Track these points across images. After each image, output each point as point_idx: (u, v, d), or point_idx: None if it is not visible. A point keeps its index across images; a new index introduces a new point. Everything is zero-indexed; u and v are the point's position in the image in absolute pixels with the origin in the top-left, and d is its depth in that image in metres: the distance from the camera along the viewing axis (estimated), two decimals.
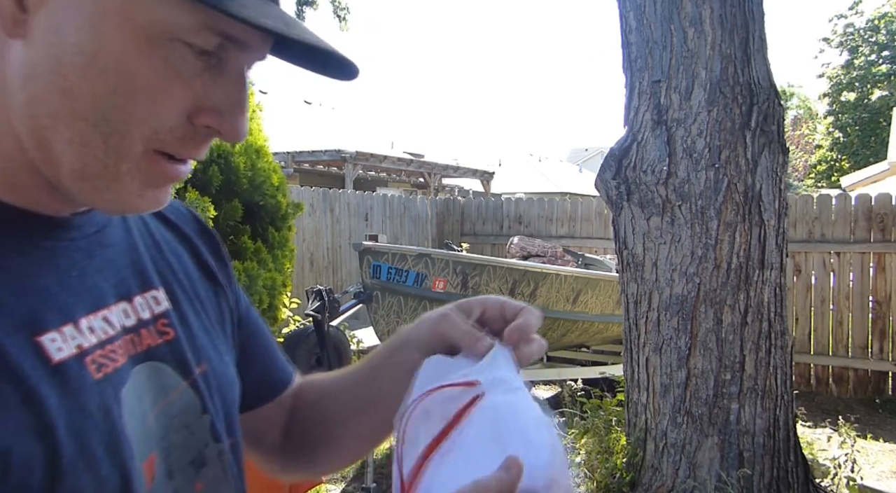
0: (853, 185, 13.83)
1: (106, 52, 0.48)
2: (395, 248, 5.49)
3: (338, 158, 12.64)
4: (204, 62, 0.51)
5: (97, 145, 0.49)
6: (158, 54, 0.49)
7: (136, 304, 0.59)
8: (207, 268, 0.72)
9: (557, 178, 26.16)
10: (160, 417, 0.57)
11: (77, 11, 0.47)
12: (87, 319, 0.53)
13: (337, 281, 7.88)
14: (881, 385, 6.34)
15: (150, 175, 0.52)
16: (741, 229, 3.17)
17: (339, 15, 10.11)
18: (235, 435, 0.67)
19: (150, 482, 0.55)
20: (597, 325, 6.27)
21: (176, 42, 0.49)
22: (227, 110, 0.53)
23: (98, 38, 0.47)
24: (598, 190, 3.58)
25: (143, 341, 0.58)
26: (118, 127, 0.49)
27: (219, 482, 0.63)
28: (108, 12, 0.47)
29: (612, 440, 3.78)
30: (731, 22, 3.17)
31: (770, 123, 3.20)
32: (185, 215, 0.73)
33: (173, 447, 0.58)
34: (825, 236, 6.53)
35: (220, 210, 3.98)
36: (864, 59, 24.88)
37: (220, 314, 0.71)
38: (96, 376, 0.52)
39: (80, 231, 0.57)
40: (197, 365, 0.62)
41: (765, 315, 3.21)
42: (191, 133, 0.52)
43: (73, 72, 0.48)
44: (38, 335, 0.49)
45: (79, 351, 0.51)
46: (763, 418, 3.19)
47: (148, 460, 0.55)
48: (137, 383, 0.56)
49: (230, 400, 0.67)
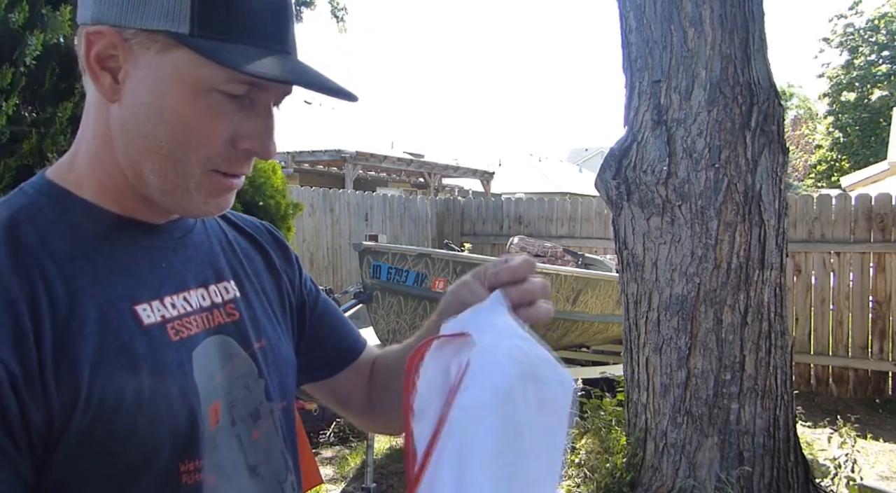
0: (853, 185, 13.83)
1: (168, 105, 0.68)
2: (395, 248, 5.49)
3: (338, 158, 12.64)
4: (238, 103, 0.70)
5: (170, 170, 0.70)
6: (203, 102, 0.68)
7: (211, 291, 0.79)
8: (275, 270, 0.91)
9: (557, 178, 26.15)
10: (226, 377, 0.75)
11: (147, 78, 0.68)
12: (171, 297, 0.73)
13: (337, 281, 7.88)
14: (881, 385, 6.34)
15: (210, 188, 0.72)
16: (741, 229, 3.17)
17: (336, 15, 10.09)
18: (288, 399, 0.84)
19: (215, 424, 0.73)
20: (597, 325, 6.27)
21: (214, 92, 0.68)
22: (258, 136, 0.72)
23: (162, 96, 0.68)
24: (598, 190, 3.58)
25: (214, 318, 0.77)
26: (181, 157, 0.69)
27: (271, 434, 0.80)
28: (167, 78, 0.67)
29: (612, 440, 3.78)
30: (731, 22, 3.16)
31: (770, 123, 3.20)
32: (260, 229, 0.94)
33: (236, 401, 0.76)
34: (825, 236, 6.53)
35: None
36: (864, 59, 24.86)
37: (282, 307, 0.90)
38: (174, 338, 0.71)
39: (170, 235, 0.77)
40: (257, 341, 0.81)
41: (765, 315, 3.21)
42: (235, 155, 0.72)
43: (148, 121, 0.69)
44: (134, 305, 0.69)
45: (162, 320, 0.71)
46: (763, 418, 3.19)
47: (213, 406, 0.72)
48: (208, 349, 0.74)
49: (284, 371, 0.84)
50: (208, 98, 0.68)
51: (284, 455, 0.82)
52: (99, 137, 0.72)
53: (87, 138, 0.73)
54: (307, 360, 0.95)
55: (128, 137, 0.70)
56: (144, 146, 0.69)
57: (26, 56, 2.74)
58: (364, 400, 1.00)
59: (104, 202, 0.73)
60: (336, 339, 0.99)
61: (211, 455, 0.71)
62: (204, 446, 0.70)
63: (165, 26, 0.66)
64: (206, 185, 0.72)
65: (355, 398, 1.00)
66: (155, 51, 0.67)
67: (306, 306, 0.95)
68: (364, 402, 1.01)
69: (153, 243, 0.75)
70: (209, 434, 0.71)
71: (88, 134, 0.73)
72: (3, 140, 2.80)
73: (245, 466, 0.76)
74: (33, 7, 2.85)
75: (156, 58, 0.67)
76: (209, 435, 0.71)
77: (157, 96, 0.68)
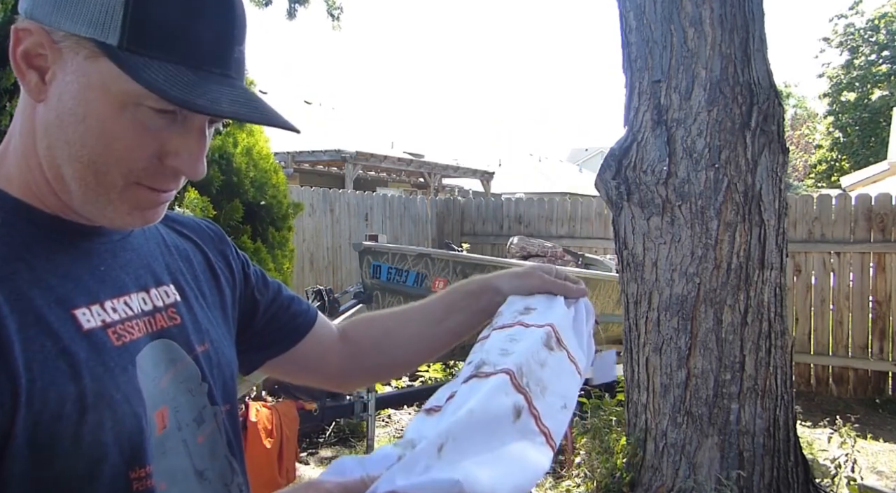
0: (853, 185, 13.82)
1: (92, 114, 0.65)
2: (395, 248, 5.48)
3: (338, 158, 12.64)
4: (168, 119, 0.67)
5: (91, 180, 0.67)
6: (128, 115, 0.66)
7: (152, 294, 0.77)
8: (214, 270, 0.90)
9: (557, 178, 26.14)
10: (171, 381, 0.74)
11: (73, 84, 0.65)
12: (111, 301, 0.71)
13: (337, 281, 7.88)
14: (881, 385, 6.34)
15: (134, 201, 0.70)
16: (741, 229, 3.17)
17: (332, 14, 10.04)
18: (231, 402, 0.84)
19: (162, 429, 0.72)
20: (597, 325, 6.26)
21: (142, 106, 0.66)
22: (187, 156, 0.70)
23: (86, 104, 0.65)
24: (598, 190, 3.58)
25: (157, 322, 0.75)
26: (102, 167, 0.67)
27: (215, 438, 0.79)
28: (93, 86, 0.65)
29: (612, 440, 3.78)
30: (731, 22, 3.17)
31: (770, 123, 3.20)
32: (198, 227, 0.93)
33: (180, 406, 0.75)
34: (825, 236, 6.53)
35: (221, 210, 3.98)
36: (864, 59, 24.84)
37: (223, 308, 0.89)
38: (116, 343, 0.69)
39: (108, 237, 0.75)
40: (199, 345, 0.80)
41: (765, 315, 3.21)
42: (161, 171, 0.69)
43: (70, 127, 0.66)
44: (73, 309, 0.66)
45: (102, 324, 0.69)
46: (763, 418, 3.19)
47: (160, 411, 0.71)
48: (152, 353, 0.73)
49: (227, 373, 0.84)
50: (135, 112, 0.66)
51: (229, 458, 0.81)
52: (25, 134, 0.69)
53: (15, 135, 0.71)
54: (268, 336, 0.99)
55: (50, 140, 0.67)
56: (66, 152, 0.67)
57: None
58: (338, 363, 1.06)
59: (34, 202, 0.70)
60: (292, 311, 1.02)
61: (159, 461, 0.70)
62: (152, 452, 0.69)
63: (94, 34, 0.63)
64: (130, 197, 0.69)
65: (329, 362, 1.06)
66: (83, 57, 0.65)
67: (255, 290, 0.97)
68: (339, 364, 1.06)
69: (91, 246, 0.72)
70: (157, 440, 0.70)
71: (16, 129, 0.71)
72: None
73: (193, 471, 0.75)
74: None
75: (83, 64, 0.65)
76: (157, 441, 0.70)
77: (81, 103, 0.65)
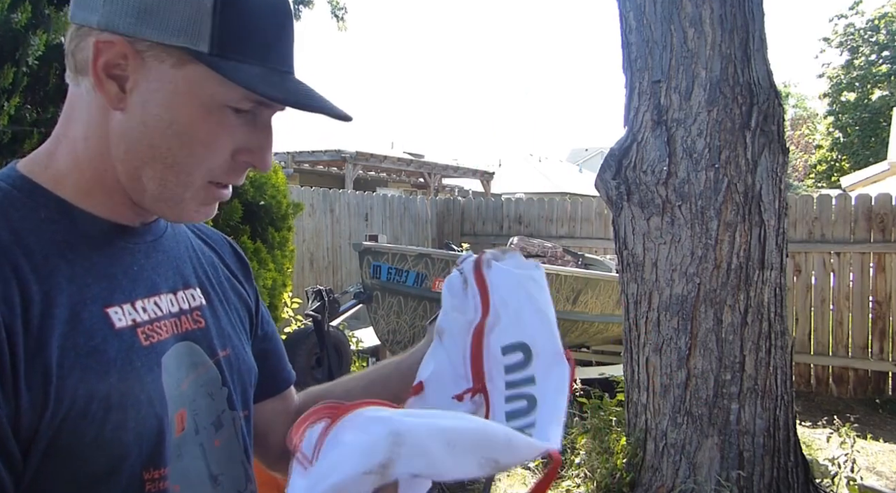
0: (853, 185, 13.82)
1: (178, 119, 0.69)
2: (395, 248, 5.49)
3: (338, 158, 12.65)
4: (243, 118, 0.72)
5: (171, 179, 0.71)
6: (214, 117, 0.70)
7: (179, 297, 0.79)
8: (236, 280, 0.93)
9: (557, 178, 26.13)
10: (192, 384, 0.75)
11: (159, 91, 0.69)
12: (143, 301, 0.73)
13: (337, 281, 7.88)
14: (881, 385, 6.35)
15: (204, 198, 0.74)
16: (741, 230, 3.18)
17: (336, 14, 10.06)
18: (249, 409, 0.85)
19: (181, 431, 0.73)
20: (597, 325, 6.27)
21: (225, 108, 0.70)
22: (259, 150, 0.74)
23: (173, 110, 0.69)
24: (598, 190, 3.58)
25: (182, 324, 0.77)
26: (185, 168, 0.71)
27: (231, 442, 0.80)
28: (180, 92, 0.69)
29: (612, 440, 3.78)
30: (731, 22, 3.17)
31: (770, 123, 3.20)
32: (221, 241, 0.95)
33: (199, 409, 0.76)
34: (825, 236, 6.53)
35: (220, 210, 3.98)
36: (864, 59, 24.82)
37: (243, 315, 0.91)
38: (144, 343, 0.71)
39: (142, 238, 0.77)
40: (221, 349, 0.81)
41: (765, 315, 3.21)
42: (234, 167, 0.74)
43: (157, 132, 0.69)
44: (106, 308, 0.69)
45: (133, 323, 0.70)
46: (763, 418, 3.19)
47: (179, 413, 0.72)
48: (176, 355, 0.74)
49: (247, 380, 0.85)
50: (219, 114, 0.70)
51: (244, 464, 0.82)
52: (93, 139, 0.72)
53: (74, 139, 0.73)
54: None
55: (129, 144, 0.70)
56: (149, 154, 0.70)
57: (29, 56, 2.75)
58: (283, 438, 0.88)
59: (81, 202, 0.72)
60: (274, 364, 0.97)
61: (176, 464, 0.71)
62: (169, 454, 0.70)
63: (184, 43, 0.67)
64: (201, 195, 0.74)
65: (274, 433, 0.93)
66: (169, 64, 0.68)
67: (258, 328, 0.95)
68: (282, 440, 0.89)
69: (126, 246, 0.75)
70: (174, 442, 0.71)
71: (79, 135, 0.72)
72: (4, 140, 2.80)
73: (208, 475, 0.76)
74: (36, 7, 2.85)
75: (169, 71, 0.68)
76: (174, 443, 0.71)
77: (168, 109, 0.69)
